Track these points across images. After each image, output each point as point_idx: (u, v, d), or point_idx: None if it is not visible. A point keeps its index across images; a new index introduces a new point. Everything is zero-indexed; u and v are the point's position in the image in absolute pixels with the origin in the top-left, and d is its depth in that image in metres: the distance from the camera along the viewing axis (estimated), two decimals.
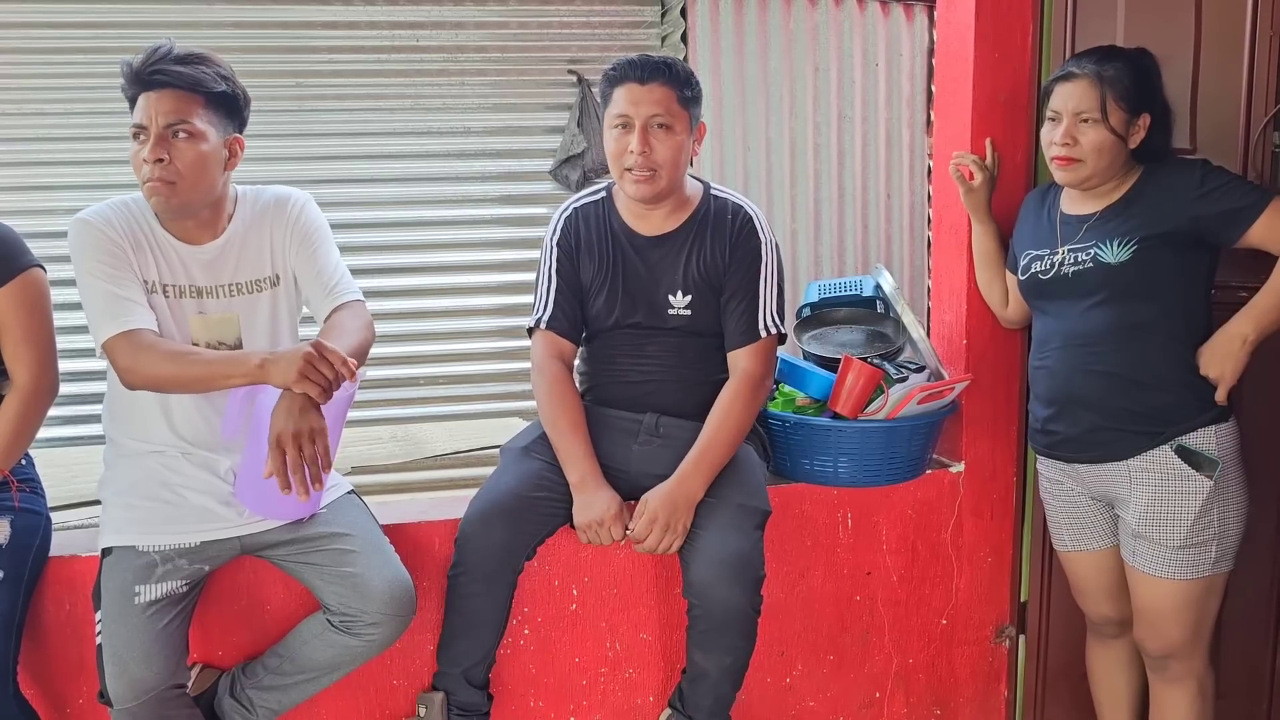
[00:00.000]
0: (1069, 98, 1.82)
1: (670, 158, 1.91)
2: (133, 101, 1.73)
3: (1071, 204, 1.93)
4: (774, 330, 1.99)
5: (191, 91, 1.71)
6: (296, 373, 1.58)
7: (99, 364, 2.00)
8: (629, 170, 1.91)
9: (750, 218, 2.01)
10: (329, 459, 1.61)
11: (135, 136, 1.72)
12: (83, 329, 1.97)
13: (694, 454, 1.89)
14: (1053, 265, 1.91)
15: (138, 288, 1.73)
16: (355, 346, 1.73)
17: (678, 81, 1.91)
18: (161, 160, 1.69)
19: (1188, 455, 1.80)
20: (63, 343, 1.83)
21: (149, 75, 1.69)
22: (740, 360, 1.98)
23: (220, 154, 1.76)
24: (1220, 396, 1.80)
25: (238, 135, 1.80)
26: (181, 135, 1.70)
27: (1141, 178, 1.85)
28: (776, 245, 2.03)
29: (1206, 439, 1.81)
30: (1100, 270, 1.83)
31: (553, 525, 1.91)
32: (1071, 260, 1.87)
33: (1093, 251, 1.84)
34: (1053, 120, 1.85)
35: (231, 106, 1.77)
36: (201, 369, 1.66)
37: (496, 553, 1.83)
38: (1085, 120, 1.80)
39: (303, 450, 1.58)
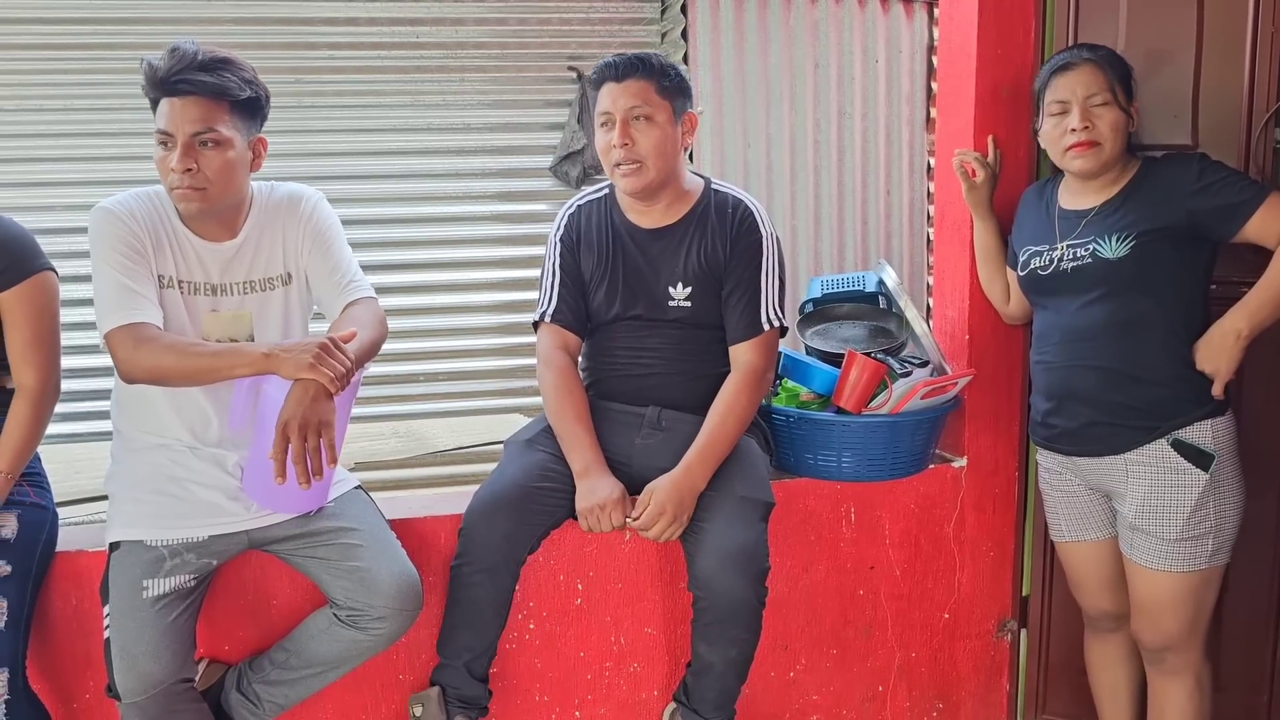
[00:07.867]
0: (1076, 84, 1.82)
1: (654, 148, 1.92)
2: (154, 103, 1.71)
3: (1070, 199, 1.93)
4: (775, 323, 2.00)
5: (217, 99, 1.70)
6: (310, 361, 1.58)
7: (102, 360, 2.00)
8: (617, 166, 1.93)
9: (751, 211, 2.02)
10: (334, 452, 1.61)
11: (161, 143, 1.71)
12: (84, 325, 1.97)
13: (698, 446, 1.90)
14: (1052, 261, 1.91)
15: (150, 283, 1.72)
16: (369, 340, 1.74)
17: (654, 72, 1.92)
18: (190, 170, 1.68)
19: (1183, 449, 1.81)
20: (65, 339, 1.82)
21: (173, 82, 1.68)
22: (742, 354, 1.99)
23: (246, 157, 1.76)
24: (1216, 391, 1.80)
25: (261, 136, 1.80)
26: (209, 144, 1.69)
27: (1139, 172, 1.85)
28: (777, 239, 2.04)
29: (1203, 433, 1.81)
30: (1099, 265, 1.84)
31: (557, 517, 1.92)
32: (1070, 256, 1.88)
33: (1091, 246, 1.85)
34: (1060, 113, 1.84)
35: (255, 109, 1.76)
36: (207, 360, 1.66)
37: (500, 544, 1.84)
38: (1098, 104, 1.81)
39: (307, 440, 1.57)
